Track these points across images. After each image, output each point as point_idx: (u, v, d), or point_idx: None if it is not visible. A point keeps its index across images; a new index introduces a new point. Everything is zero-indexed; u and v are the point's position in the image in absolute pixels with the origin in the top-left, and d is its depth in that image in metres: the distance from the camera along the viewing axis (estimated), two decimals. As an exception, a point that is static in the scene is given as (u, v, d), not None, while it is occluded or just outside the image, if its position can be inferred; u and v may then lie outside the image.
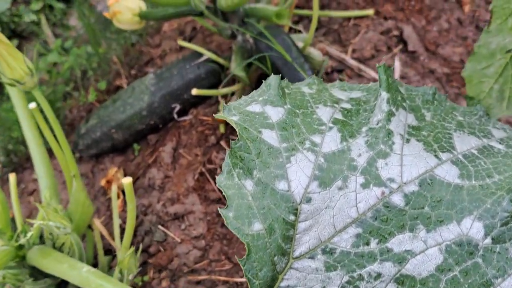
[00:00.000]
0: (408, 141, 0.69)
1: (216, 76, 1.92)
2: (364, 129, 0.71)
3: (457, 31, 2.21)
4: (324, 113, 0.74)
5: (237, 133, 0.69)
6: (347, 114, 0.74)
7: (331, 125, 0.72)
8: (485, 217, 0.63)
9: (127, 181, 1.11)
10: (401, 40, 2.09)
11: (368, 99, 0.77)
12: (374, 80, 1.93)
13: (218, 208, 0.66)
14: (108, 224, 1.72)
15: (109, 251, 1.64)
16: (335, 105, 0.76)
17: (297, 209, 0.65)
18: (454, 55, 2.13)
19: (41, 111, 1.39)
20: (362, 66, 1.95)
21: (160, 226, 1.61)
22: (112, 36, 2.53)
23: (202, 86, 1.89)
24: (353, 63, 1.96)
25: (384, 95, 0.71)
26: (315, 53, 1.82)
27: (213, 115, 0.73)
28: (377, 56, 2.02)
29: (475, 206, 0.64)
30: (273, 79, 0.77)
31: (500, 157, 0.69)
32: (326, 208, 0.65)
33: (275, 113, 0.73)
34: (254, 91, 0.80)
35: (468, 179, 0.66)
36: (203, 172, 1.74)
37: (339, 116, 0.74)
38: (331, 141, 0.69)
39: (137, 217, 1.67)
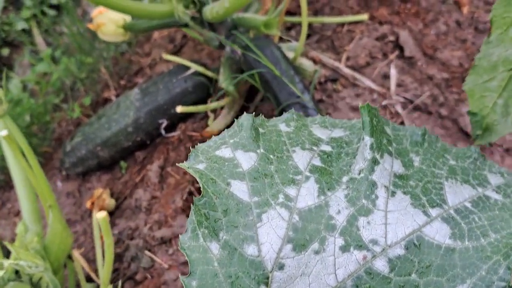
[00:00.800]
0: (393, 194, 0.61)
1: (204, 89, 1.84)
2: (344, 179, 0.63)
3: (455, 34, 2.12)
4: (301, 158, 0.66)
5: (201, 187, 0.62)
6: (327, 159, 0.66)
7: (308, 174, 0.64)
8: (480, 286, 0.55)
9: (101, 216, 1.04)
10: (397, 45, 2.00)
11: (351, 139, 0.69)
12: (370, 89, 1.85)
13: (180, 277, 0.59)
14: (93, 249, 1.65)
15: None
16: (314, 147, 0.68)
17: (268, 278, 0.57)
18: (453, 59, 2.05)
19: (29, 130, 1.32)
20: (356, 75, 1.87)
21: (146, 252, 1.54)
22: (101, 46, 2.45)
23: (189, 100, 1.81)
24: (347, 71, 1.88)
25: (367, 140, 0.63)
26: (306, 63, 1.74)
27: (177, 164, 0.65)
28: (373, 63, 1.93)
29: (468, 273, 0.56)
30: (245, 118, 0.69)
31: (497, 210, 0.61)
32: (301, 275, 0.57)
33: (247, 160, 0.65)
34: (225, 130, 0.72)
35: (461, 239, 0.58)
36: (192, 192, 1.66)
37: (317, 162, 0.66)
38: (307, 195, 0.61)
39: (123, 242, 1.59)
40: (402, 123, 1.79)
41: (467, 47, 2.09)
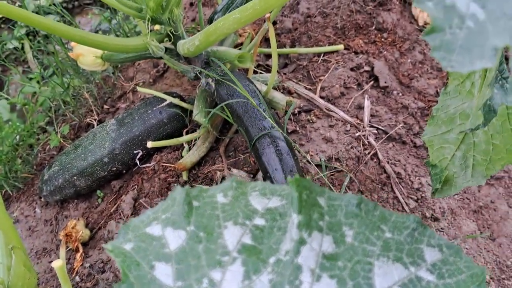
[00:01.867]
0: (319, 278, 0.60)
1: (179, 120, 1.86)
2: (272, 260, 0.63)
3: (432, 62, 2.14)
4: (231, 236, 0.66)
5: (121, 272, 0.62)
6: (259, 235, 0.66)
7: (235, 254, 0.64)
8: None
9: (56, 265, 1.05)
10: (373, 75, 2.02)
11: (286, 210, 0.68)
12: (343, 121, 1.87)
13: None
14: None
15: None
16: (247, 221, 0.67)
17: None
18: (429, 87, 2.07)
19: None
20: (331, 106, 1.89)
21: (116, 286, 1.55)
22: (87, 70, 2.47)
23: (165, 131, 1.83)
24: (321, 102, 1.90)
25: (295, 218, 0.62)
26: (279, 96, 1.76)
27: (103, 245, 0.66)
28: (347, 94, 1.95)
29: None
30: (178, 192, 0.68)
31: None
32: None
33: (175, 238, 0.64)
34: (160, 203, 0.72)
35: (383, 335, 0.58)
36: (165, 224, 1.68)
37: (247, 239, 0.65)
38: (232, 280, 0.62)
39: (93, 276, 1.61)
40: (375, 154, 1.81)
41: (443, 75, 2.11)
